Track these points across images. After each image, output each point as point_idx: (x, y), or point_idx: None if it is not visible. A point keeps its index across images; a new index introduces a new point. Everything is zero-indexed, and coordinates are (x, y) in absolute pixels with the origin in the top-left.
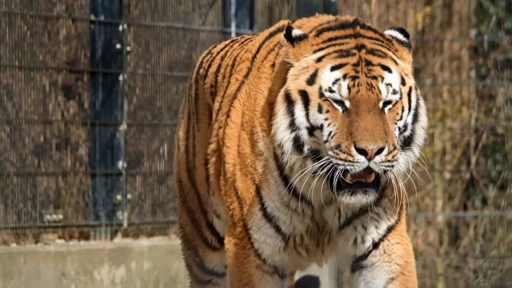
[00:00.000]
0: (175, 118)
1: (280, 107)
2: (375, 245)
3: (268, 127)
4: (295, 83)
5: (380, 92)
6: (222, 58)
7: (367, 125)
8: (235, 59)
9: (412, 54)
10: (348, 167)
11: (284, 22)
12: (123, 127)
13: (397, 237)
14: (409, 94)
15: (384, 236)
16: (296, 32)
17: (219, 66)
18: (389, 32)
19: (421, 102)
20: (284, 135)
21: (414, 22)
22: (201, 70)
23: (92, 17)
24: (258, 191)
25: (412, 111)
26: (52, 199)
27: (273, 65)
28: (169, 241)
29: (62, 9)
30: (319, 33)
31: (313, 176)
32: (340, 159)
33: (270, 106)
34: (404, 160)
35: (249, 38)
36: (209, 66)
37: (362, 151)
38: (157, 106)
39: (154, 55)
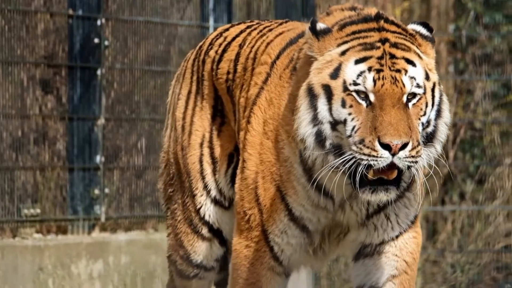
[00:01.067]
0: (153, 113)
1: (303, 102)
2: (398, 235)
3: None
4: (318, 77)
5: (404, 86)
6: (241, 46)
7: (392, 119)
8: (256, 52)
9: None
10: (372, 162)
11: (302, 27)
12: (101, 121)
13: (414, 228)
14: (433, 90)
15: (409, 225)
16: (320, 25)
17: (238, 54)
18: (412, 27)
19: (444, 98)
20: (306, 129)
21: (392, 16)
22: (212, 52)
23: (70, 12)
24: (283, 198)
25: (435, 107)
26: (30, 193)
27: (294, 69)
28: (147, 236)
29: (40, 3)
30: (342, 27)
31: (335, 171)
32: (364, 154)
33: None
34: (426, 156)
35: (268, 26)
36: (224, 51)
37: (386, 146)
38: (135, 100)
39: (132, 50)
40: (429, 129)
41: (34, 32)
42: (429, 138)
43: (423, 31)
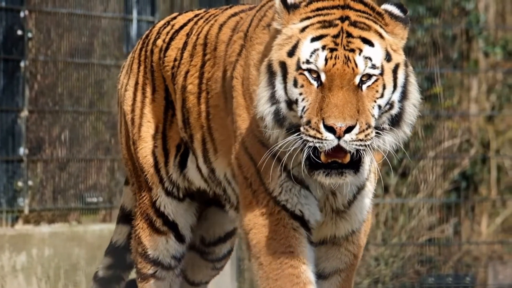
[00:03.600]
0: (76, 105)
1: (263, 78)
2: (357, 228)
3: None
4: (278, 53)
5: (356, 66)
6: (188, 35)
7: (338, 101)
8: (206, 37)
9: (407, 31)
10: (317, 144)
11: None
12: (25, 113)
13: (367, 217)
14: (394, 71)
15: (366, 215)
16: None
17: (185, 43)
18: (384, 6)
19: (411, 79)
20: (265, 108)
21: None
22: (159, 41)
23: None
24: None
25: (399, 89)
26: None
27: (268, 26)
28: (70, 228)
29: None
30: (309, 3)
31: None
32: (310, 135)
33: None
34: (392, 139)
35: (213, 14)
36: (172, 39)
37: (330, 129)
38: (58, 92)
39: (56, 42)
40: (394, 111)
41: None
42: (394, 121)
43: (395, 10)
